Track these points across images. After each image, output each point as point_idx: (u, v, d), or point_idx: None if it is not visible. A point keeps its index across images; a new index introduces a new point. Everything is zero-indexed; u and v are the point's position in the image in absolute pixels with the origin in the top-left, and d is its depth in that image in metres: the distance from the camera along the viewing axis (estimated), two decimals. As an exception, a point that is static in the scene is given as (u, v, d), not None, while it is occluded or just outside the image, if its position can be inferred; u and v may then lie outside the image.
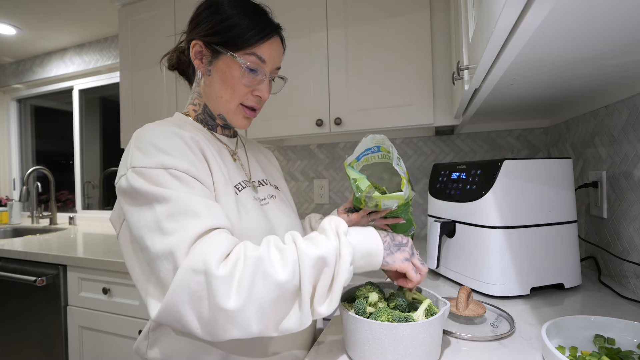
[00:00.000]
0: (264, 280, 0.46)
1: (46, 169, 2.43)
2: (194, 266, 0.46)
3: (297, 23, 1.39)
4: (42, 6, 1.98)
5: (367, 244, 0.55)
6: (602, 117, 0.89)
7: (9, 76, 2.80)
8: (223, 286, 0.45)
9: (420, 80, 1.22)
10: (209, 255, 0.46)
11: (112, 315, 1.30)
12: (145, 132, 0.58)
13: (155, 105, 1.68)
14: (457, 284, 0.87)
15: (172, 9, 1.63)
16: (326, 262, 0.49)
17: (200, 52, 0.67)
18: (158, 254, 0.48)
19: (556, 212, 0.79)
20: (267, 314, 0.47)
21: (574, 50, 0.53)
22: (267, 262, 0.47)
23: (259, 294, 0.46)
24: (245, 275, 0.46)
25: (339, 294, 0.49)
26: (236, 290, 0.45)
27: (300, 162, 1.80)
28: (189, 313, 0.46)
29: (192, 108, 0.72)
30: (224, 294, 0.45)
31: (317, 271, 0.48)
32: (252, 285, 0.46)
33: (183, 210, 0.50)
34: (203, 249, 0.47)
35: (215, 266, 0.45)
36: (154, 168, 0.52)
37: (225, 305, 0.45)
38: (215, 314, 0.45)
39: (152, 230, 0.50)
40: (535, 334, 0.60)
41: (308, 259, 0.48)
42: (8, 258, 1.53)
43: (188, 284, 0.46)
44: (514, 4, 0.37)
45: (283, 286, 0.46)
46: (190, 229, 0.49)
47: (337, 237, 0.52)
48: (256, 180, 0.75)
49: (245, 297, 0.45)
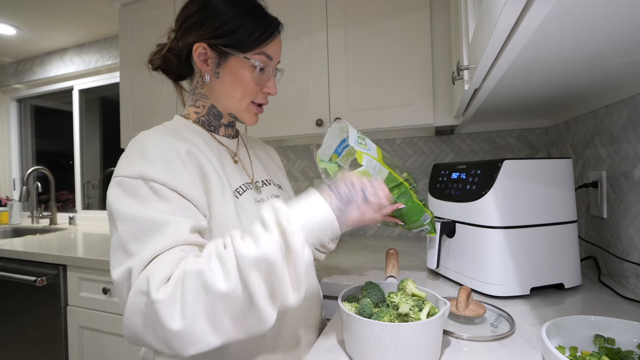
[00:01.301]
0: (206, 293, 0.44)
1: (46, 169, 2.43)
2: (140, 288, 0.46)
3: (297, 23, 1.38)
4: (42, 6, 1.98)
5: (315, 219, 0.50)
6: (602, 117, 0.89)
7: (9, 76, 2.80)
8: (164, 309, 0.44)
9: (420, 80, 1.22)
10: (152, 278, 0.46)
11: (112, 315, 1.30)
12: (138, 140, 0.58)
13: (155, 105, 1.68)
14: (457, 284, 0.87)
15: (172, 9, 1.63)
16: (269, 261, 0.45)
17: (204, 54, 0.66)
18: (120, 275, 0.49)
19: (556, 212, 0.79)
20: (221, 323, 0.45)
21: (574, 50, 0.53)
22: (207, 274, 0.45)
23: (205, 308, 0.44)
24: (187, 292, 0.45)
25: (302, 281, 0.47)
26: (180, 310, 0.44)
27: (300, 162, 1.80)
28: (147, 333, 0.46)
29: (194, 110, 0.71)
30: (168, 316, 0.44)
31: (262, 271, 0.46)
32: (196, 301, 0.44)
33: (146, 232, 0.49)
34: (150, 270, 0.47)
35: (155, 290, 0.45)
36: (133, 178, 0.52)
37: (172, 327, 0.44)
38: (167, 336, 0.45)
39: (116, 250, 0.50)
40: (535, 334, 0.60)
41: (248, 262, 0.45)
42: (8, 258, 1.53)
43: (138, 306, 0.46)
44: (514, 4, 0.37)
45: (228, 295, 0.45)
46: (148, 250, 0.48)
47: (278, 227, 0.48)
48: (259, 181, 0.75)
49: (191, 315, 0.44)
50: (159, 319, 0.44)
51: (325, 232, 0.51)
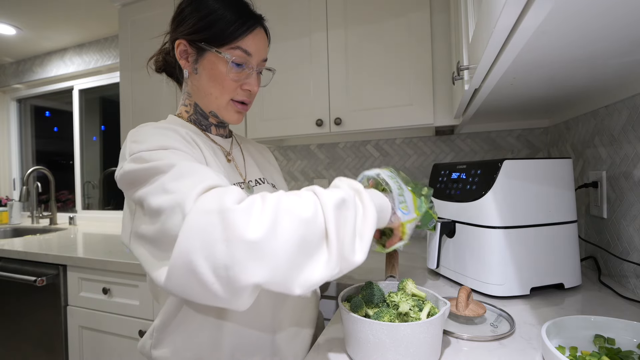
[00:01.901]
0: (287, 214, 0.41)
1: (46, 169, 2.43)
2: (205, 207, 0.41)
3: (297, 23, 1.38)
4: (42, 6, 1.98)
5: (379, 199, 0.55)
6: (602, 117, 0.89)
7: (9, 76, 2.80)
8: (241, 218, 0.39)
9: (420, 80, 1.22)
10: (221, 197, 0.41)
11: (112, 315, 1.30)
12: (140, 129, 0.59)
13: (155, 105, 1.68)
14: (457, 284, 0.87)
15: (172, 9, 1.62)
16: (347, 204, 0.45)
17: (185, 51, 0.67)
18: (167, 211, 0.43)
19: (556, 212, 0.79)
20: (296, 254, 0.41)
21: (574, 50, 0.53)
22: (287, 201, 0.43)
23: (285, 228, 0.40)
24: (267, 210, 0.41)
25: (368, 239, 0.46)
26: (257, 221, 0.40)
27: (300, 162, 1.80)
28: (202, 263, 0.39)
29: (184, 109, 0.72)
30: (243, 225, 0.39)
31: (339, 213, 0.44)
32: (276, 219, 0.40)
33: (187, 173, 0.46)
34: (213, 193, 0.43)
35: (230, 203, 0.40)
36: (153, 150, 0.51)
37: (245, 235, 0.38)
38: (234, 250, 0.39)
39: (157, 194, 0.46)
40: (535, 334, 0.60)
41: (328, 200, 0.44)
42: (8, 258, 1.53)
43: (199, 227, 0.40)
44: (514, 4, 0.37)
45: (308, 222, 0.42)
46: (197, 184, 0.44)
47: (352, 189, 0.50)
48: (252, 180, 0.74)
49: (268, 228, 0.39)
50: (232, 229, 0.39)
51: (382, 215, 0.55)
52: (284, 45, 1.40)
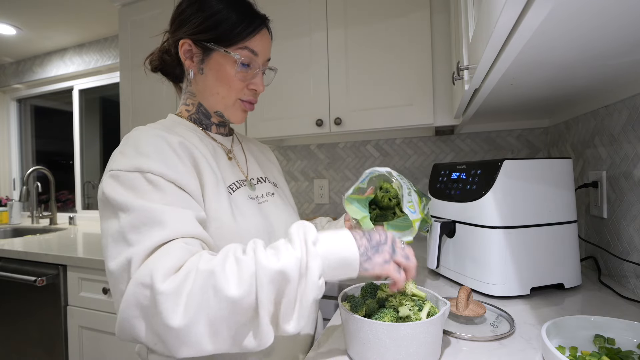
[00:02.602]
0: (214, 295, 0.42)
1: (46, 169, 2.43)
2: (142, 280, 0.44)
3: (297, 23, 1.39)
4: (42, 6, 1.98)
5: (340, 253, 0.48)
6: (602, 117, 0.89)
7: (9, 76, 2.80)
8: (167, 302, 0.42)
9: (420, 80, 1.22)
10: (155, 269, 0.43)
11: (112, 315, 1.30)
12: (131, 135, 0.58)
13: (155, 105, 1.68)
14: (457, 284, 0.87)
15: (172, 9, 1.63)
16: (287, 277, 0.44)
17: (189, 51, 0.66)
18: (118, 265, 0.47)
19: (556, 212, 0.79)
20: (220, 331, 0.43)
21: (574, 50, 0.53)
22: (219, 275, 0.43)
23: (210, 311, 0.42)
24: (195, 290, 0.43)
25: (306, 310, 0.45)
26: (183, 306, 0.42)
27: (300, 162, 1.80)
28: (142, 328, 0.44)
29: (185, 108, 0.72)
30: (169, 311, 0.42)
31: (276, 287, 0.44)
32: (202, 302, 0.42)
33: (146, 222, 0.48)
34: (152, 261, 0.45)
35: (160, 281, 0.43)
36: (129, 171, 0.52)
37: (171, 323, 0.41)
38: (164, 332, 0.42)
39: (115, 240, 0.48)
40: (535, 334, 0.60)
41: (265, 273, 0.43)
42: (8, 258, 1.53)
43: (137, 298, 0.44)
44: (514, 4, 0.37)
45: (236, 302, 0.42)
46: (149, 239, 0.47)
47: (304, 246, 0.46)
48: (254, 178, 0.74)
49: (193, 314, 0.42)
50: (159, 313, 0.42)
51: (343, 271, 0.49)
52: (284, 45, 1.40)
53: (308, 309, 0.46)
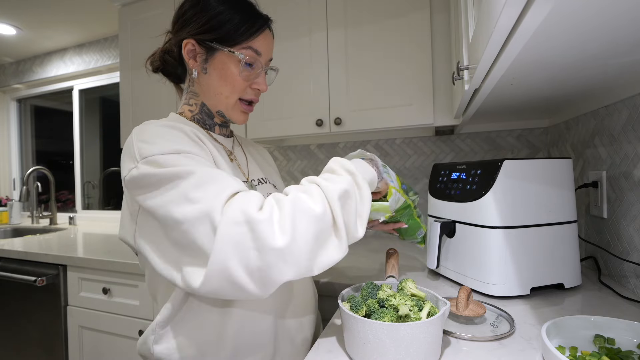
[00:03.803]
0: (304, 215, 0.49)
1: (46, 169, 2.43)
2: (234, 219, 0.46)
3: (297, 23, 1.38)
4: (42, 6, 1.98)
5: (369, 174, 0.64)
6: (602, 117, 0.89)
7: (9, 76, 2.80)
8: (267, 228, 0.46)
9: (420, 80, 1.22)
10: (245, 207, 0.47)
11: (112, 315, 1.30)
12: (146, 128, 0.58)
13: (156, 105, 1.68)
14: (457, 284, 0.87)
15: (172, 9, 1.63)
16: (349, 194, 0.54)
17: (193, 50, 0.67)
18: (193, 221, 0.48)
19: (556, 212, 0.79)
20: (313, 247, 0.49)
21: (574, 50, 0.53)
22: (301, 199, 0.50)
23: (303, 229, 0.48)
24: (286, 215, 0.48)
25: (366, 216, 0.56)
26: (280, 229, 0.47)
27: (300, 162, 1.80)
28: (237, 268, 0.46)
29: (188, 108, 0.72)
30: (270, 234, 0.46)
31: (342, 202, 0.53)
32: (295, 222, 0.48)
33: (207, 180, 0.50)
34: (237, 203, 0.48)
35: (255, 213, 0.47)
36: (167, 154, 0.53)
37: (274, 244, 0.46)
38: (266, 257, 0.46)
39: (179, 203, 0.49)
40: (535, 334, 0.60)
41: (333, 192, 0.52)
42: (8, 258, 1.53)
43: (232, 238, 0.46)
44: (514, 4, 0.37)
45: (321, 218, 0.50)
46: (219, 192, 0.49)
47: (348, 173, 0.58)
48: (255, 179, 0.75)
49: (291, 234, 0.47)
50: (261, 239, 0.46)
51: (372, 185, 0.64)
52: (284, 45, 1.40)
53: (366, 215, 0.56)
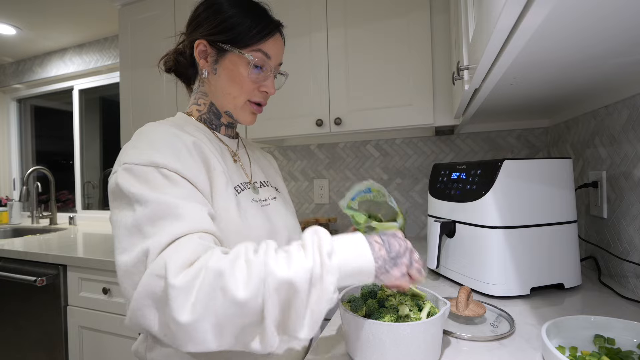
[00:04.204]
0: (222, 295, 0.42)
1: (46, 169, 2.43)
2: (157, 271, 0.45)
3: (297, 23, 1.39)
4: (42, 6, 1.98)
5: (356, 263, 0.47)
6: (602, 117, 0.89)
7: (9, 76, 2.80)
8: (178, 297, 0.42)
9: (420, 80, 1.22)
10: (170, 262, 0.44)
11: (112, 315, 1.30)
12: (144, 130, 0.59)
13: (155, 105, 1.68)
14: (457, 284, 0.87)
15: (172, 9, 1.63)
16: (295, 287, 0.43)
17: (204, 51, 0.68)
18: (132, 257, 0.47)
19: (556, 212, 0.79)
20: (225, 331, 0.43)
21: (574, 50, 0.53)
22: (229, 276, 0.43)
23: (217, 310, 0.42)
24: (204, 289, 0.43)
25: (318, 320, 0.44)
26: (192, 304, 0.42)
27: (300, 162, 1.80)
28: (153, 318, 0.45)
29: (196, 108, 0.73)
30: (179, 306, 0.42)
31: (284, 295, 0.43)
32: (209, 300, 0.42)
33: (162, 215, 0.48)
34: (167, 254, 0.45)
35: (173, 275, 0.43)
36: (144, 165, 0.52)
37: (179, 318, 0.42)
38: (171, 325, 0.43)
39: (130, 232, 0.49)
40: (535, 334, 0.60)
41: (274, 279, 0.43)
42: (8, 258, 1.53)
43: (152, 289, 0.45)
44: (514, 4, 0.37)
45: (243, 305, 0.42)
46: (166, 232, 0.47)
47: (318, 257, 0.45)
48: (257, 181, 0.75)
49: (200, 312, 0.42)
50: (169, 306, 0.43)
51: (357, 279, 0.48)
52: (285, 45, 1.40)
53: (320, 318, 0.45)
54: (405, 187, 1.59)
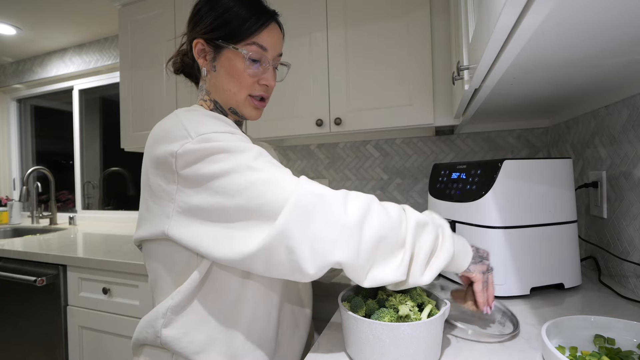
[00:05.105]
0: (377, 211, 0.50)
1: (46, 169, 2.43)
2: (309, 190, 0.49)
3: (297, 23, 1.38)
4: (42, 6, 1.98)
5: (461, 245, 0.58)
6: (602, 117, 0.89)
7: (9, 76, 2.80)
8: (340, 204, 0.48)
9: (420, 80, 1.22)
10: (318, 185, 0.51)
11: (112, 315, 1.30)
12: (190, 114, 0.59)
13: (155, 105, 1.68)
14: (457, 283, 0.87)
15: (172, 9, 1.63)
16: (428, 228, 0.53)
17: (202, 50, 0.68)
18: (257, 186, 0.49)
19: (556, 212, 0.79)
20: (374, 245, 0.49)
21: (573, 50, 0.53)
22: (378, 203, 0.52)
23: (373, 221, 0.48)
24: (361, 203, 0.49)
25: (439, 266, 0.52)
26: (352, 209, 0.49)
27: (300, 162, 1.80)
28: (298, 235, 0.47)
29: (205, 105, 0.73)
30: (342, 210, 0.48)
31: (420, 232, 0.52)
32: (368, 212, 0.49)
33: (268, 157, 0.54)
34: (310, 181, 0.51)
35: (329, 191, 0.50)
36: (225, 133, 0.55)
37: (342, 218, 0.47)
38: (330, 230, 0.47)
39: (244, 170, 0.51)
40: (535, 334, 0.60)
41: (413, 218, 0.52)
42: (8, 258, 1.53)
43: (305, 205, 0.48)
44: (514, 4, 0.37)
45: (392, 225, 0.50)
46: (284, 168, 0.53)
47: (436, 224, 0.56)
48: None
49: (360, 216, 0.48)
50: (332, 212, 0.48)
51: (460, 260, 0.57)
52: (284, 45, 1.40)
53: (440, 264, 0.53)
54: (405, 187, 1.59)
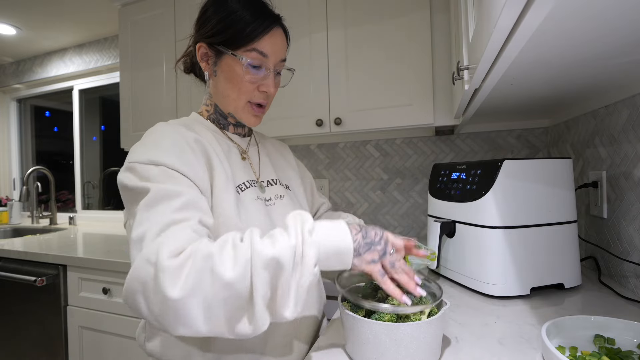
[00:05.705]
0: (211, 277, 0.44)
1: (46, 169, 2.43)
2: (147, 257, 0.45)
3: (297, 23, 1.38)
4: (42, 6, 1.98)
5: (336, 242, 0.50)
6: (602, 117, 0.89)
7: (9, 76, 2.80)
8: (169, 277, 0.43)
9: (420, 80, 1.22)
10: (162, 248, 0.45)
11: (112, 315, 1.30)
12: (152, 130, 0.61)
13: (156, 105, 1.68)
14: (457, 283, 0.87)
15: (172, 9, 1.63)
16: (281, 264, 0.45)
17: (205, 54, 0.68)
18: (136, 235, 0.49)
19: (556, 212, 0.79)
20: (214, 313, 0.44)
21: (573, 50, 0.53)
22: (216, 259, 0.45)
23: (206, 290, 0.43)
24: (193, 271, 0.44)
25: (302, 296, 0.46)
26: (182, 282, 0.44)
27: (300, 162, 1.80)
28: (142, 302, 0.46)
29: (205, 108, 0.74)
30: (170, 284, 0.43)
31: (271, 273, 0.45)
32: (199, 282, 0.44)
33: (160, 200, 0.51)
34: (160, 240, 0.47)
35: (164, 258, 0.44)
36: (144, 164, 0.55)
37: (170, 294, 0.43)
38: (162, 306, 0.44)
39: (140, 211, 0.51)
40: (535, 334, 0.60)
41: (260, 258, 0.45)
42: (8, 258, 1.53)
43: (140, 274, 0.45)
44: (514, 4, 0.37)
45: (231, 286, 0.44)
46: (160, 219, 0.49)
47: (300, 235, 0.48)
48: (265, 180, 0.75)
49: (189, 289, 0.43)
50: (160, 286, 0.43)
51: (336, 262, 0.51)
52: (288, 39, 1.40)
53: (304, 295, 0.47)
54: (405, 187, 1.59)
